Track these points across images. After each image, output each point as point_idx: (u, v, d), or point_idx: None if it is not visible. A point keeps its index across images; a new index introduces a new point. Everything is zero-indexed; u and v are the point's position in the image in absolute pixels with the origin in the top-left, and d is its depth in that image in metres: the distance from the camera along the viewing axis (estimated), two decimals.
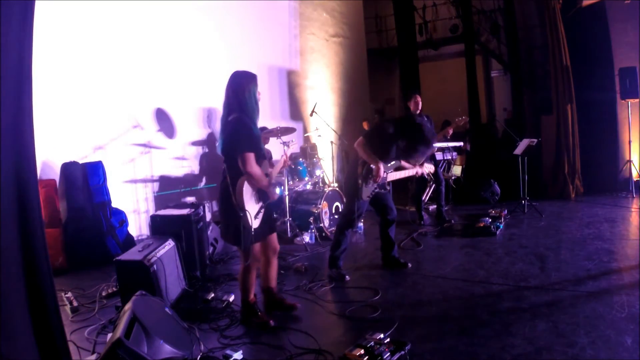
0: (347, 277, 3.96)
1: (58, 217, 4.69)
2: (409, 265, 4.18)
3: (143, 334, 2.30)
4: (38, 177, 4.26)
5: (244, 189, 2.80)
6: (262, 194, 2.99)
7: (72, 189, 4.84)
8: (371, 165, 3.75)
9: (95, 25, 5.09)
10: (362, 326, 2.97)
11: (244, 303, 3.12)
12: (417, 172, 4.07)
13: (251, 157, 2.78)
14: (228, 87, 2.95)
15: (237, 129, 2.82)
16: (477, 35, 9.71)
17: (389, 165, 3.95)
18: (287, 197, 5.42)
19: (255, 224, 2.89)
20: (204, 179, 6.51)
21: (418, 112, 5.83)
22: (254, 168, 2.79)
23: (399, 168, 4.06)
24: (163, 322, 2.64)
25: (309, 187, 5.87)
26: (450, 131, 5.92)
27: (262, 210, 3.00)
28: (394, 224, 4.21)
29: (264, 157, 2.98)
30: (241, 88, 2.89)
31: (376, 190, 3.94)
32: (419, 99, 5.63)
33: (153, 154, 5.82)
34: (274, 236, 3.21)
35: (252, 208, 2.89)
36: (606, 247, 4.43)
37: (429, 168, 4.19)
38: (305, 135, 7.75)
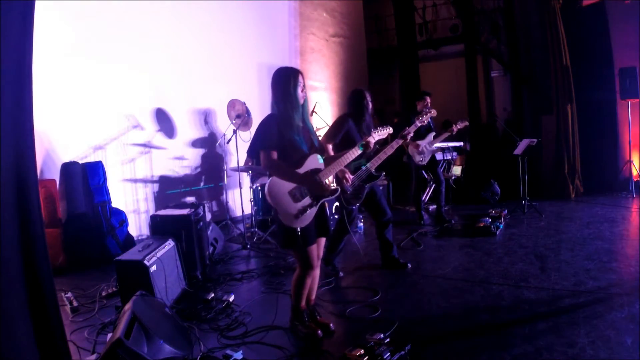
0: (340, 273, 4.07)
1: (58, 217, 4.69)
2: (409, 265, 4.17)
3: (143, 334, 2.30)
4: (38, 177, 4.26)
5: (271, 186, 2.67)
6: (310, 191, 2.71)
7: (72, 189, 4.84)
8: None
9: (95, 25, 5.09)
10: (362, 326, 2.97)
11: (293, 309, 2.95)
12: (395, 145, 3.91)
13: (266, 153, 2.67)
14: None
15: (260, 127, 2.76)
16: (477, 35, 9.71)
17: (364, 155, 3.76)
18: None
19: (297, 223, 2.65)
20: (203, 179, 6.51)
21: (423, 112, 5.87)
22: (272, 165, 2.67)
23: (377, 151, 3.89)
24: (163, 322, 2.64)
25: None
26: (455, 129, 5.90)
27: (310, 210, 2.70)
28: (389, 225, 4.17)
29: (302, 158, 2.74)
30: (275, 85, 2.76)
31: (365, 188, 3.83)
32: (429, 100, 5.84)
33: (153, 154, 5.82)
34: (321, 241, 2.94)
35: (288, 206, 2.66)
36: (606, 247, 4.43)
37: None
38: None
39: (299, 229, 2.65)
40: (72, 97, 4.89)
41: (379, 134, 3.13)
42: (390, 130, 3.25)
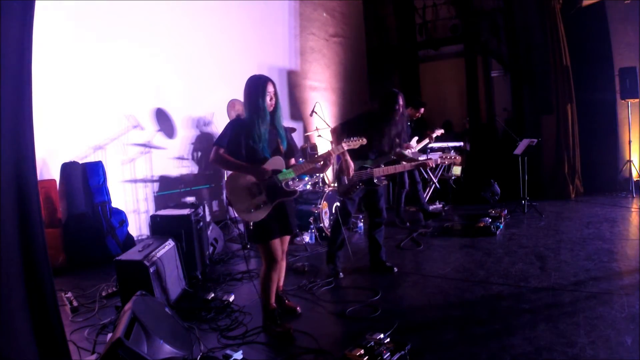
0: (340, 274, 4.03)
1: (58, 217, 4.69)
2: (395, 269, 4.08)
3: (143, 334, 2.30)
4: (38, 177, 4.26)
5: (229, 180, 2.90)
6: (268, 191, 2.90)
7: (72, 189, 4.84)
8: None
9: (95, 25, 5.09)
10: (362, 326, 2.97)
11: (264, 308, 3.06)
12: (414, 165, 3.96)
13: (214, 149, 2.87)
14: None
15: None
16: (477, 35, 9.71)
17: (376, 159, 3.89)
18: None
19: (250, 217, 2.84)
20: (203, 179, 6.51)
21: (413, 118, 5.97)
22: (216, 159, 2.88)
23: (394, 162, 3.93)
24: (163, 322, 2.64)
25: (309, 187, 5.88)
26: (433, 135, 6.00)
27: (264, 207, 2.88)
28: (381, 227, 4.13)
29: (259, 161, 2.91)
30: (245, 92, 2.94)
31: (359, 187, 3.86)
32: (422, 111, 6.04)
33: (153, 154, 5.82)
34: (285, 239, 3.15)
35: (243, 201, 2.86)
36: (606, 247, 4.43)
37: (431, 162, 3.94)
38: (305, 135, 7.76)
39: (251, 223, 2.85)
40: (72, 96, 4.89)
41: (348, 145, 3.22)
42: (363, 141, 3.26)
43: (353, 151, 3.65)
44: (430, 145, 6.52)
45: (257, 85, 2.89)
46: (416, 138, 5.97)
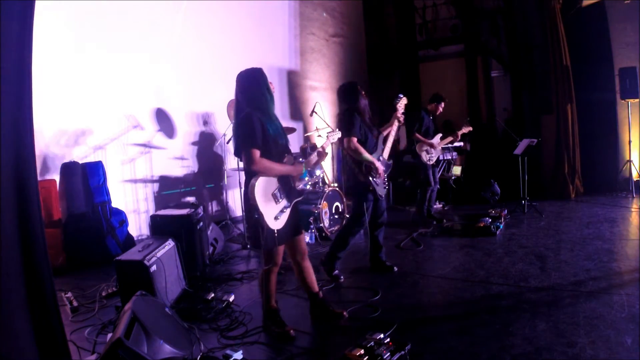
0: (341, 277, 3.97)
1: (58, 217, 4.69)
2: (395, 268, 4.09)
3: (143, 334, 2.30)
4: (38, 177, 4.26)
5: (256, 188, 2.67)
6: (287, 193, 2.86)
7: (72, 189, 4.84)
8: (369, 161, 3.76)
9: (96, 24, 5.09)
10: (362, 326, 2.97)
11: (265, 309, 3.01)
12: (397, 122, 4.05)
13: (253, 153, 2.66)
14: (236, 90, 2.88)
15: (242, 127, 2.76)
16: (477, 35, 9.71)
17: (375, 146, 3.93)
18: None
19: (275, 225, 2.75)
20: (203, 179, 6.51)
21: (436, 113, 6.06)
22: (259, 165, 2.68)
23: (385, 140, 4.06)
24: (163, 322, 2.64)
25: (309, 187, 5.87)
26: (460, 133, 6.05)
27: (286, 211, 2.84)
28: (382, 227, 4.14)
29: (283, 152, 2.88)
30: (249, 85, 2.84)
31: (385, 184, 3.94)
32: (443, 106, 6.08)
33: (153, 154, 5.82)
34: (301, 238, 3.06)
35: (271, 208, 2.75)
36: (606, 247, 4.43)
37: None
38: (305, 135, 7.75)
39: (276, 230, 2.74)
40: (73, 96, 4.89)
41: (330, 140, 3.31)
42: (338, 133, 3.43)
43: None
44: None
45: (257, 76, 2.85)
46: (439, 135, 5.98)
